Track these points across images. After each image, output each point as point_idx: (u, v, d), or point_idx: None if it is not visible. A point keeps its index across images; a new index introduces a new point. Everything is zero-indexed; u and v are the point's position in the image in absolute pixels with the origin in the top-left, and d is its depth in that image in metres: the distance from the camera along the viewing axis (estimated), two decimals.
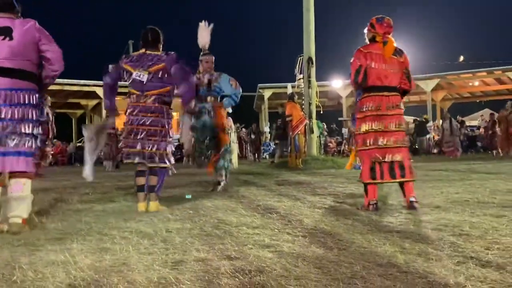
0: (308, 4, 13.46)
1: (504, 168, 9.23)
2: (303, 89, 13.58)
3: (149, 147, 4.64)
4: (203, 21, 6.76)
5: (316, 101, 13.45)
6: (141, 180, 4.77)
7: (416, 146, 21.43)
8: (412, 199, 4.37)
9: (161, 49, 4.87)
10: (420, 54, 28.67)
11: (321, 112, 15.09)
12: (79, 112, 30.80)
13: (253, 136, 21.10)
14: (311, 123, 12.89)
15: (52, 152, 11.95)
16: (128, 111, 4.76)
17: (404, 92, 4.73)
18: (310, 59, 13.12)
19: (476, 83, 28.18)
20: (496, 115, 18.67)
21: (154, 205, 4.69)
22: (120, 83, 4.94)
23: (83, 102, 29.23)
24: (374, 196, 4.40)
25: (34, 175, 3.98)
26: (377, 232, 3.28)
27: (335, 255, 2.64)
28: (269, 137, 23.07)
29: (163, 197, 5.84)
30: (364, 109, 4.51)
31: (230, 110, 14.62)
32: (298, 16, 13.94)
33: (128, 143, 4.74)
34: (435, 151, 21.38)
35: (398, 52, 4.59)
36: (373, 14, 4.65)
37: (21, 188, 3.78)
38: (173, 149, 4.94)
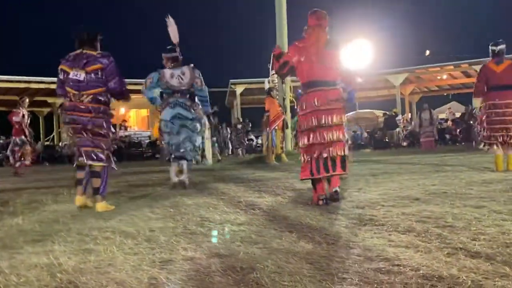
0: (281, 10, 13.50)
1: (475, 159, 9.41)
2: (277, 84, 13.56)
3: (87, 146, 4.66)
4: (168, 16, 6.67)
5: (290, 96, 13.47)
6: (80, 175, 4.80)
7: (387, 139, 21.74)
8: (336, 189, 4.45)
9: (98, 48, 4.84)
10: (388, 48, 29.01)
11: (296, 107, 15.10)
12: (46, 110, 30.10)
13: (236, 132, 21.23)
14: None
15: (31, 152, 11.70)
16: (66, 110, 4.75)
17: (345, 87, 4.74)
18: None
19: (444, 77, 28.72)
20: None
21: (100, 205, 4.67)
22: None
23: (50, 100, 28.56)
24: (323, 191, 4.42)
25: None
26: (362, 225, 3.29)
27: (324, 250, 2.64)
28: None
29: (139, 196, 5.78)
30: (304, 106, 4.51)
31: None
32: (271, 11, 13.95)
33: (77, 143, 4.73)
34: (404, 144, 21.70)
35: (333, 45, 4.56)
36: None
37: None
38: (113, 148, 4.93)
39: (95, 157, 4.67)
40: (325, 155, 4.38)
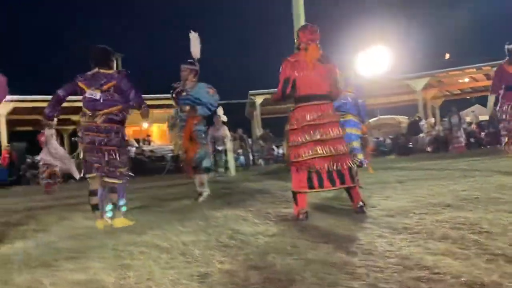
0: (298, 10, 13.52)
1: (502, 162, 9.27)
2: None
3: (102, 164, 4.74)
4: (192, 31, 6.74)
5: None
6: (94, 200, 4.87)
7: (411, 145, 21.50)
8: (361, 204, 4.36)
9: (113, 67, 4.96)
10: (409, 53, 28.83)
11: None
12: (71, 128, 30.56)
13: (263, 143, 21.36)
14: None
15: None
16: (82, 130, 4.86)
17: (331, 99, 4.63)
18: None
19: (466, 80, 28.37)
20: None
21: (119, 221, 4.75)
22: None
23: (74, 117, 29.03)
24: (304, 205, 4.36)
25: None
26: (397, 234, 3.27)
27: (361, 260, 2.63)
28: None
29: (168, 210, 5.83)
30: (296, 120, 4.46)
31: (225, 119, 14.61)
32: (289, 21, 14.01)
33: (87, 161, 4.84)
34: (429, 149, 21.42)
35: (325, 59, 4.55)
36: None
37: None
38: (127, 166, 4.98)
39: (110, 176, 4.76)
40: (329, 167, 4.32)
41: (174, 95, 6.63)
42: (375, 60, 22.24)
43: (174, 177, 13.77)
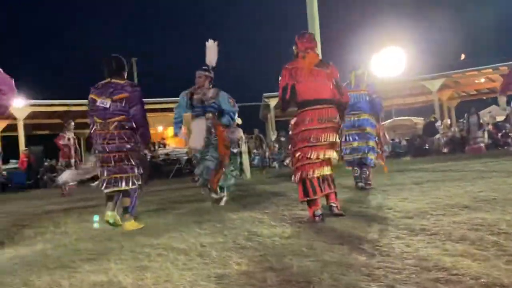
0: (312, 11, 13.51)
1: None
2: None
3: (115, 172, 4.81)
4: (209, 40, 6.74)
5: None
6: (112, 192, 4.96)
7: (426, 146, 21.32)
8: (332, 204, 4.50)
9: (125, 77, 5.02)
10: (425, 54, 28.63)
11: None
12: (87, 132, 30.84)
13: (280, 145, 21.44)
14: None
15: None
16: (94, 139, 4.93)
17: (338, 105, 4.65)
18: None
19: (482, 80, 28.08)
20: None
21: (129, 224, 4.79)
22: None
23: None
24: (317, 206, 4.40)
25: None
26: (414, 235, 3.25)
27: (379, 261, 2.62)
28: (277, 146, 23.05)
29: (184, 212, 5.86)
30: (297, 125, 4.52)
31: (239, 121, 14.61)
32: (303, 22, 14.00)
33: (103, 171, 4.90)
34: (445, 150, 21.21)
35: (323, 64, 4.61)
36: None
37: None
38: (140, 171, 5.02)
39: (123, 183, 4.83)
40: (320, 173, 4.40)
41: (191, 101, 6.49)
42: (390, 62, 22.14)
43: (189, 179, 13.81)
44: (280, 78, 4.60)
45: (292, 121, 4.64)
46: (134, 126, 4.92)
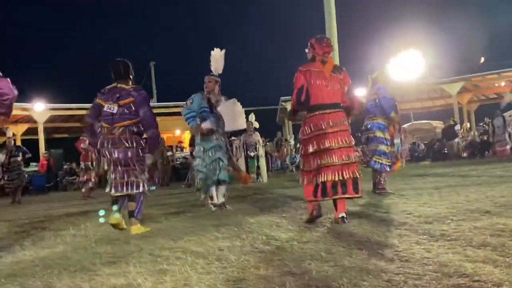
0: (330, 14, 13.50)
1: None
2: None
3: (121, 177, 4.85)
4: (215, 48, 6.72)
5: None
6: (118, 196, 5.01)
7: (446, 151, 21.09)
8: (343, 215, 4.38)
9: (131, 81, 5.05)
10: (444, 57, 28.33)
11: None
12: None
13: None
14: None
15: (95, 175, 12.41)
16: (100, 143, 4.96)
17: (347, 110, 4.66)
18: None
19: (502, 84, 27.67)
20: None
21: (135, 228, 4.81)
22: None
23: None
24: (316, 211, 4.50)
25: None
26: (434, 240, 3.22)
27: (398, 267, 2.60)
28: (294, 150, 23.04)
29: (202, 215, 5.87)
30: (309, 129, 4.51)
31: (257, 125, 14.66)
32: (321, 27, 13.98)
33: (111, 175, 4.95)
34: (465, 154, 20.97)
35: (337, 70, 4.62)
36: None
37: None
38: (146, 175, 5.08)
39: (129, 188, 4.86)
40: (334, 177, 4.35)
41: (210, 107, 6.37)
42: (408, 65, 21.96)
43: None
44: (294, 80, 4.60)
45: (303, 125, 4.64)
46: (141, 130, 4.96)
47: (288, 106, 27.17)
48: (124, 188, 4.86)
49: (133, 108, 4.86)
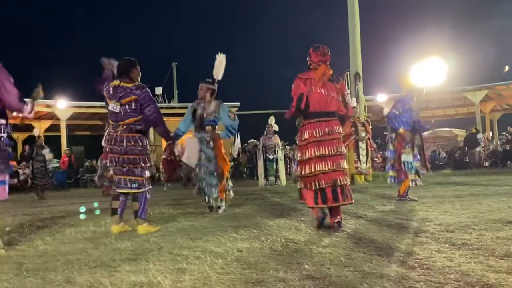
0: (354, 19, 13.44)
1: None
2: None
3: (126, 174, 4.88)
4: (219, 53, 6.74)
5: (364, 116, 13.30)
6: (115, 204, 5.12)
7: (467, 159, 20.79)
8: (338, 220, 4.48)
9: (135, 79, 5.03)
10: (467, 65, 27.93)
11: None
12: None
13: None
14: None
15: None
16: (106, 140, 5.04)
17: (342, 118, 4.74)
18: (357, 74, 13.05)
19: None
20: None
21: (142, 228, 4.84)
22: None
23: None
24: (319, 214, 4.54)
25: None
26: (456, 249, 3.18)
27: (419, 274, 2.57)
28: None
29: (220, 217, 5.88)
30: (305, 136, 4.60)
31: (276, 128, 14.63)
32: (343, 32, 13.94)
33: (114, 172, 5.00)
34: (486, 164, 20.63)
35: (335, 79, 4.68)
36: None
37: None
38: (151, 173, 5.14)
39: (131, 185, 4.89)
40: (331, 184, 4.46)
41: (193, 116, 6.47)
42: (431, 72, 21.71)
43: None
44: (293, 86, 4.69)
45: (300, 132, 4.74)
46: (144, 128, 4.97)
47: None
48: (127, 185, 4.89)
49: (137, 105, 4.88)
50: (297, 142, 4.86)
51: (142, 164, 4.92)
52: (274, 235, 4.19)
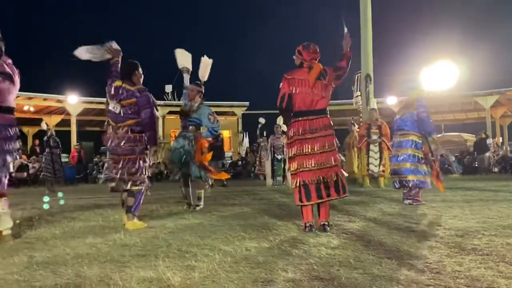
0: (366, 21, 13.40)
1: None
2: (360, 106, 13.43)
3: (123, 173, 4.95)
4: (204, 55, 7.09)
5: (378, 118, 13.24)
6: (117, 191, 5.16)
7: (476, 164, 20.66)
8: (325, 222, 4.46)
9: (137, 82, 5.12)
10: (478, 69, 27.74)
11: None
12: None
13: None
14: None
15: None
16: (106, 139, 5.11)
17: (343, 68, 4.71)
18: (368, 76, 13.02)
19: None
20: None
21: (129, 224, 4.92)
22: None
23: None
24: (308, 218, 4.51)
25: None
26: (465, 254, 3.17)
27: (429, 278, 2.57)
28: None
29: (229, 215, 5.90)
30: (292, 134, 4.61)
31: (285, 128, 14.61)
32: (354, 33, 13.88)
33: (109, 169, 5.08)
34: (496, 169, 20.48)
35: (322, 74, 4.62)
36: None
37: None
38: (149, 173, 5.19)
39: (130, 183, 4.97)
40: (314, 181, 4.47)
41: (181, 116, 6.87)
42: (442, 75, 21.60)
43: (234, 183, 13.92)
44: (280, 86, 4.71)
45: (288, 130, 4.76)
46: (143, 130, 5.04)
47: None
48: (124, 184, 4.97)
49: (136, 108, 4.98)
50: (285, 139, 4.88)
51: (141, 162, 5.02)
52: (282, 235, 4.20)
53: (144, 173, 5.06)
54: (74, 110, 23.65)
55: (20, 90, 4.65)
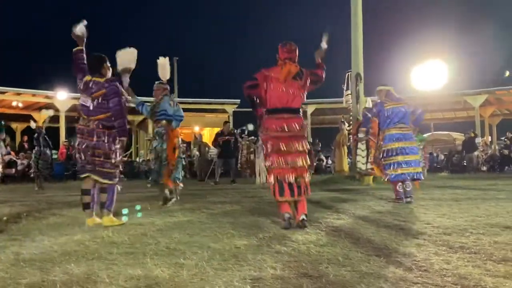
0: (356, 19, 13.42)
1: None
2: (351, 104, 13.47)
3: (94, 167, 4.97)
4: (161, 57, 7.23)
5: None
6: (86, 199, 5.10)
7: (465, 163, 20.80)
8: (303, 217, 4.49)
9: (105, 74, 5.12)
10: (467, 69, 27.94)
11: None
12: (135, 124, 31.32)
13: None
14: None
15: None
16: (78, 133, 5.08)
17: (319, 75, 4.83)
18: (358, 74, 13.03)
19: None
20: None
21: (107, 220, 4.95)
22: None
23: (129, 117, 29.75)
24: (286, 209, 4.53)
25: None
26: (453, 252, 3.19)
27: (417, 276, 2.58)
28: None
29: (219, 213, 5.89)
30: (266, 130, 4.67)
31: None
32: (345, 32, 13.91)
33: (81, 163, 5.10)
34: (484, 168, 20.65)
35: (299, 75, 4.66)
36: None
37: None
38: (120, 168, 5.21)
39: (101, 176, 4.99)
40: (290, 179, 4.51)
41: (150, 114, 7.15)
42: (431, 75, 21.72)
43: (223, 181, 13.88)
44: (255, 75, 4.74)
45: (262, 125, 4.80)
46: (115, 125, 5.02)
47: (308, 109, 27.18)
48: (100, 177, 4.98)
49: (106, 100, 4.96)
50: (259, 134, 4.94)
51: (113, 157, 5.02)
52: (271, 232, 4.20)
53: (116, 168, 5.06)
54: (63, 106, 23.48)
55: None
